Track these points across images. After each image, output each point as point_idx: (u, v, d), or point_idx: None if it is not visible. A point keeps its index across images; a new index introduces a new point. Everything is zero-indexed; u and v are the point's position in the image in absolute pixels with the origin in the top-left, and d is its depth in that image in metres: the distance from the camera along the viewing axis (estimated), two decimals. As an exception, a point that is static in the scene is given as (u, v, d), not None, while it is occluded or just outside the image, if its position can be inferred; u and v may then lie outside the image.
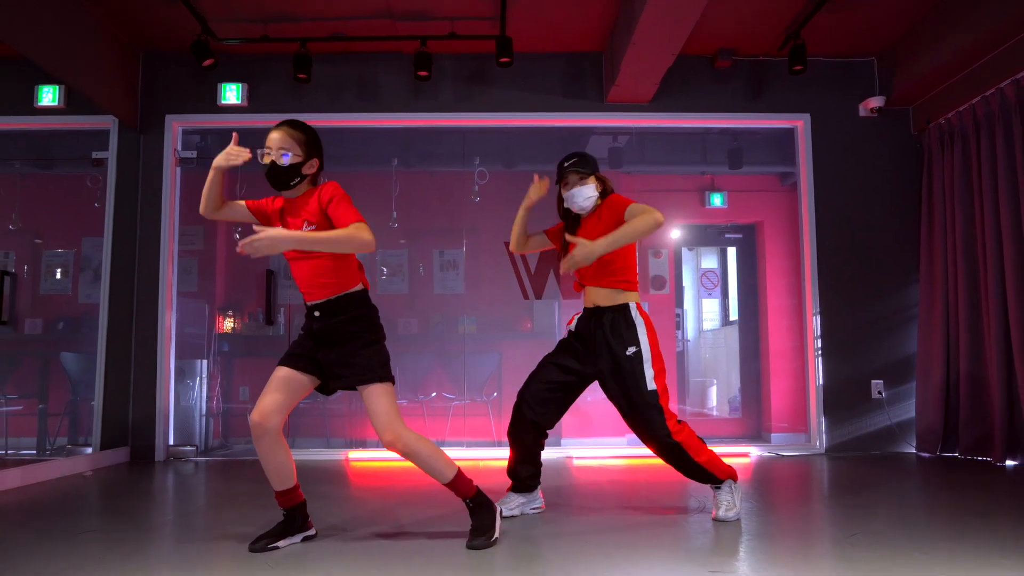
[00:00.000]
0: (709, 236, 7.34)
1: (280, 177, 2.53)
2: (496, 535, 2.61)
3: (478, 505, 2.63)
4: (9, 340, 6.04)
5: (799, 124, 5.59)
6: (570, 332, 3.10)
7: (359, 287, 2.59)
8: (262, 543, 2.55)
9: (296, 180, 2.56)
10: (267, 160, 2.53)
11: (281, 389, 2.51)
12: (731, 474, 3.00)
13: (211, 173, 2.62)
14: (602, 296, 3.00)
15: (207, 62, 4.91)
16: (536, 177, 3.19)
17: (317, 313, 2.54)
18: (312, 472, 4.57)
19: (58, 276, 6.22)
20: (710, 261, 8.05)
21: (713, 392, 7.90)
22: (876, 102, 5.45)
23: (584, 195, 3.02)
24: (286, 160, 2.51)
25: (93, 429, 5.25)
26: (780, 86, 5.54)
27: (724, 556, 2.44)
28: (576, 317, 3.13)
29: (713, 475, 2.93)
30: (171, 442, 5.35)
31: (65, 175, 6.39)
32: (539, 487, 3.19)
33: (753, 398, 6.69)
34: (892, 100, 5.48)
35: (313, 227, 2.50)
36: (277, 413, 2.49)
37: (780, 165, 6.20)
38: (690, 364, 8.08)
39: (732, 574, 2.20)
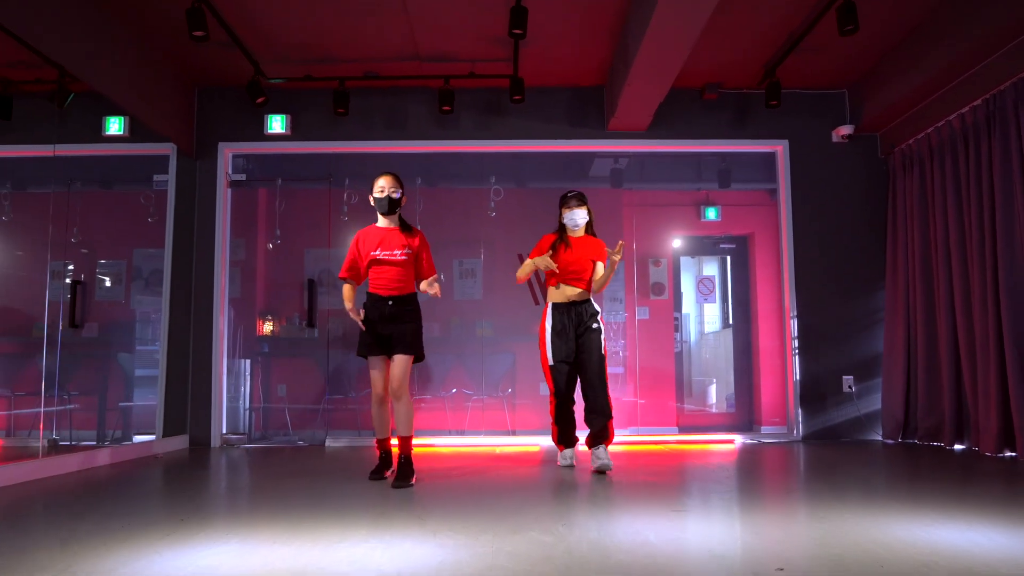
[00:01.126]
0: (705, 246, 8.03)
1: (392, 206, 3.99)
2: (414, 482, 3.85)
3: (409, 461, 3.85)
4: (71, 343, 6.75)
5: (779, 149, 6.30)
6: (554, 331, 4.35)
7: (415, 291, 4.07)
8: (376, 475, 3.98)
9: (398, 208, 4.04)
10: (382, 195, 3.96)
11: (381, 369, 3.98)
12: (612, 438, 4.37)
13: (349, 305, 3.98)
14: (577, 294, 4.39)
15: (260, 100, 5.65)
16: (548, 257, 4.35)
17: (391, 302, 3.95)
18: (351, 453, 5.29)
19: (111, 284, 6.94)
20: (711, 268, 8.75)
21: (713, 390, 8.60)
22: (846, 130, 6.16)
23: (580, 215, 4.40)
24: (397, 196, 3.99)
25: (156, 419, 5.98)
26: (762, 115, 6.25)
27: (690, 503, 3.14)
28: (548, 314, 4.41)
29: (610, 427, 4.28)
30: (223, 431, 6.08)
31: (120, 192, 7.10)
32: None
33: (745, 393, 7.38)
34: (861, 128, 6.18)
35: (408, 251, 3.96)
36: (385, 384, 3.97)
37: (768, 182, 6.90)
38: (693, 364, 8.77)
39: (684, 511, 2.90)
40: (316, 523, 2.81)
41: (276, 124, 6.09)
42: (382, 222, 4.04)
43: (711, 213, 7.45)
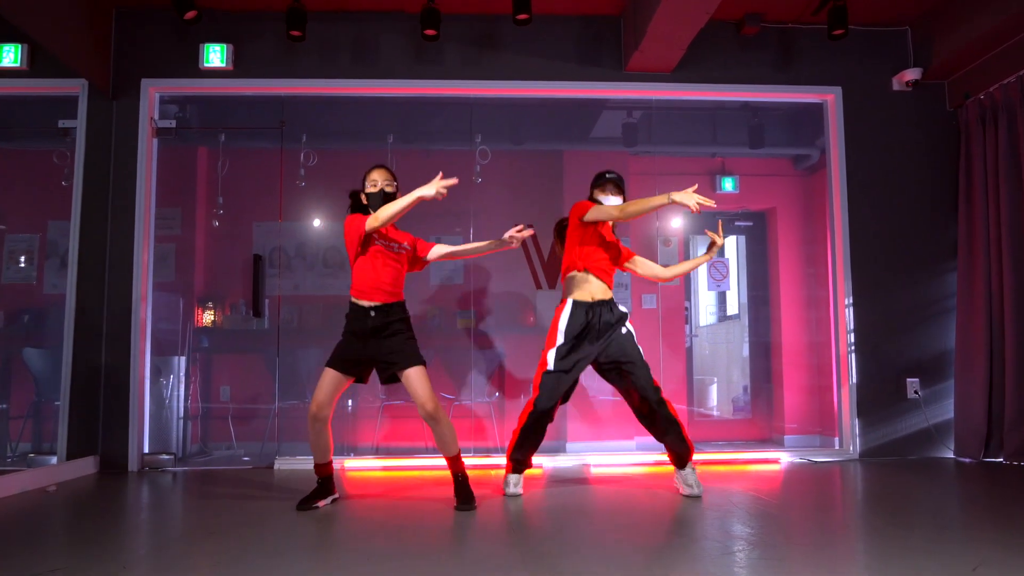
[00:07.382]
0: (720, 223, 6.92)
1: (387, 200, 3.39)
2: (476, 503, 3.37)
3: (465, 479, 3.42)
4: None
5: (829, 98, 5.22)
6: (570, 333, 3.61)
7: (403, 298, 3.48)
8: (307, 504, 3.33)
9: None
10: (375, 190, 3.43)
11: (331, 387, 3.31)
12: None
13: (413, 199, 3.21)
14: (600, 291, 3.69)
15: (189, 14, 4.41)
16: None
17: (373, 313, 3.33)
18: (308, 476, 4.10)
19: (22, 263, 5.64)
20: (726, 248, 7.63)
21: (714, 391, 7.48)
22: (912, 74, 5.09)
23: (614, 203, 3.78)
24: (392, 190, 3.46)
25: (58, 436, 4.71)
26: (810, 56, 5.17)
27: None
28: (566, 312, 3.64)
29: (687, 440, 3.60)
30: (146, 450, 4.81)
31: (29, 150, 5.79)
32: None
33: (764, 398, 6.29)
34: (929, 72, 5.11)
35: (406, 247, 3.52)
36: (327, 406, 3.31)
37: (793, 147, 5.87)
38: (691, 361, 7.65)
39: None
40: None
41: (215, 56, 4.84)
42: None
43: (728, 184, 6.32)
